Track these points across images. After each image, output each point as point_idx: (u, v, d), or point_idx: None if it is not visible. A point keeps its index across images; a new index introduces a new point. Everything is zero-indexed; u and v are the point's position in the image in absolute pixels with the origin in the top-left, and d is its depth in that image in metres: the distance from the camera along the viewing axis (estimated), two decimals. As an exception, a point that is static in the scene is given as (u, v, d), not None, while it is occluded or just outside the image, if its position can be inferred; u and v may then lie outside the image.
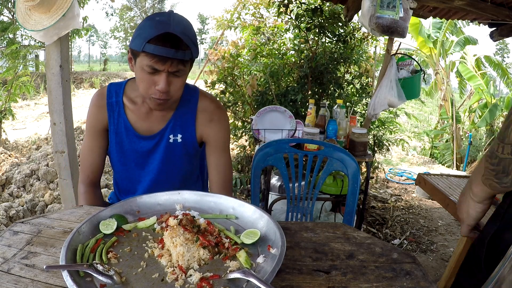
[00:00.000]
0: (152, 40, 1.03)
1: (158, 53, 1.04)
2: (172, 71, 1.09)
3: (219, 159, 1.31)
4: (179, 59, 1.07)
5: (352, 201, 1.55)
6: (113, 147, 1.31)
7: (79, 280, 0.69)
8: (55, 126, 2.09)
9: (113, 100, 1.28)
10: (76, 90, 12.43)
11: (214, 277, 0.73)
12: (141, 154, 1.30)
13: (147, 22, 1.08)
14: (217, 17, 4.79)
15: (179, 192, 1.04)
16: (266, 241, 0.84)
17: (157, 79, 1.10)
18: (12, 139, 5.60)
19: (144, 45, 1.04)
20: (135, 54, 1.11)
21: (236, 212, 0.98)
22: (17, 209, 3.00)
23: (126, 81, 1.31)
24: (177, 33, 1.04)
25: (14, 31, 5.40)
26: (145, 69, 1.08)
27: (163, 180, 1.33)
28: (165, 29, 1.03)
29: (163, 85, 1.10)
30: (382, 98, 2.66)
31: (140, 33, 1.07)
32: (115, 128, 1.29)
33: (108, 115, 1.28)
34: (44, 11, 1.84)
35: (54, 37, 1.94)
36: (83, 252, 0.78)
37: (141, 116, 1.28)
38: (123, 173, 1.37)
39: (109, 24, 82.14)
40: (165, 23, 1.05)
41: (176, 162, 1.32)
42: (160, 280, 0.72)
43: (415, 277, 0.80)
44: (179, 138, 1.28)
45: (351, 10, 3.32)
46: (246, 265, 0.75)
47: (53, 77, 2.04)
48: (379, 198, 4.10)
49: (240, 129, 4.11)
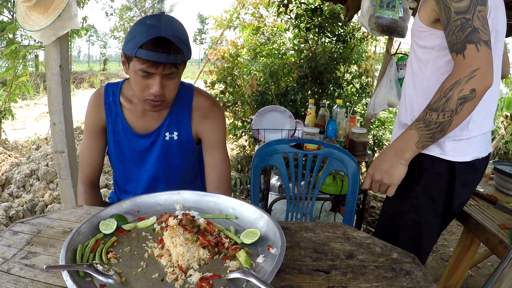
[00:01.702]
0: (144, 45, 1.05)
1: (150, 59, 1.06)
2: (166, 74, 1.11)
3: (214, 156, 1.31)
4: (172, 63, 1.09)
5: (351, 201, 1.55)
6: (112, 146, 1.33)
7: (79, 280, 0.69)
8: (55, 126, 2.09)
9: (110, 100, 1.30)
10: (76, 90, 12.42)
11: (214, 277, 0.73)
12: (139, 152, 1.32)
13: (138, 26, 1.09)
14: (216, 16, 4.79)
15: (179, 192, 1.04)
16: (266, 241, 0.84)
17: (151, 82, 1.12)
18: (12, 139, 5.60)
19: (136, 50, 1.06)
20: (128, 58, 1.12)
21: (236, 212, 0.98)
22: (17, 209, 3.00)
23: (123, 81, 1.33)
24: (169, 36, 1.06)
25: (13, 31, 5.40)
26: (139, 73, 1.10)
27: (161, 178, 1.34)
28: (156, 33, 1.05)
29: (157, 88, 1.11)
30: (381, 98, 2.66)
31: (132, 37, 1.08)
32: (113, 127, 1.30)
33: (106, 115, 1.30)
34: (42, 11, 1.84)
35: (52, 38, 1.93)
36: (83, 252, 0.78)
37: (137, 115, 1.29)
38: (121, 172, 1.38)
39: (109, 24, 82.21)
40: (156, 27, 1.06)
41: (173, 159, 1.33)
42: (160, 280, 0.72)
43: (415, 277, 0.80)
44: (175, 135, 1.30)
45: (351, 10, 3.33)
46: (246, 265, 0.75)
47: (53, 77, 2.04)
48: (379, 198, 4.10)
49: (240, 129, 4.11)
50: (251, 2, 4.40)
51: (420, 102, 1.17)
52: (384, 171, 1.15)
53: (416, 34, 1.18)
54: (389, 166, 1.13)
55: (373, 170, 1.18)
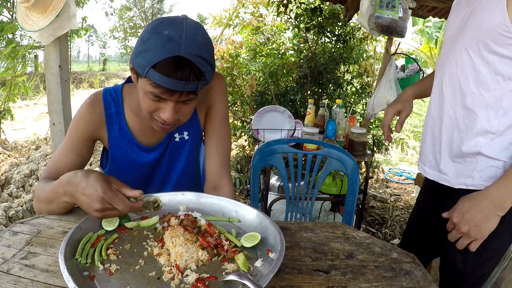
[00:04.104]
0: (157, 66, 0.84)
1: (164, 85, 0.85)
2: (182, 101, 0.92)
3: (218, 129, 1.18)
4: (190, 91, 0.89)
5: (351, 200, 1.55)
6: (117, 163, 1.17)
7: (79, 279, 0.69)
8: (54, 126, 2.09)
9: (112, 111, 1.11)
10: (75, 90, 12.41)
11: (210, 278, 0.73)
12: (148, 165, 1.19)
13: (153, 36, 0.86)
14: (215, 14, 4.78)
15: (183, 193, 1.04)
16: (266, 245, 0.84)
17: (163, 106, 0.93)
18: (11, 139, 5.59)
19: (147, 70, 0.85)
20: (137, 73, 0.91)
21: (238, 215, 0.98)
22: (17, 209, 3.00)
23: (122, 86, 1.15)
24: (190, 56, 0.85)
25: (12, 31, 5.40)
26: (149, 95, 0.91)
27: (170, 179, 1.26)
28: (174, 51, 0.84)
29: (170, 115, 0.93)
30: (381, 98, 2.66)
31: (143, 50, 0.87)
32: (117, 142, 1.14)
33: (107, 128, 1.12)
34: (41, 11, 1.85)
35: (50, 38, 1.94)
36: (83, 247, 0.79)
37: (145, 127, 1.14)
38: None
39: (109, 24, 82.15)
40: (175, 41, 0.84)
41: (180, 159, 1.22)
42: (156, 278, 0.73)
43: (415, 276, 0.80)
44: (185, 135, 1.18)
45: (350, 10, 3.33)
46: (243, 268, 0.75)
47: (52, 77, 2.04)
48: (378, 197, 4.10)
49: (239, 129, 4.11)
50: (251, 1, 4.39)
51: (504, 123, 0.97)
52: (474, 224, 0.96)
53: (496, 37, 0.92)
54: (482, 218, 0.95)
55: (460, 219, 0.99)
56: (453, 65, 1.04)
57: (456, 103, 1.04)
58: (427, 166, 1.18)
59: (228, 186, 1.18)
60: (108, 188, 0.84)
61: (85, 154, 1.13)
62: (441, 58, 1.12)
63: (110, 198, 0.83)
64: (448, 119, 1.07)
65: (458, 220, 0.99)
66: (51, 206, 0.98)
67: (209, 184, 1.19)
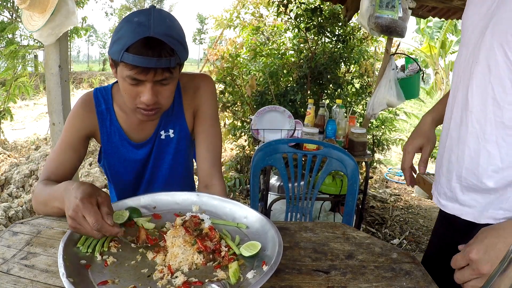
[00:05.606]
0: (131, 48, 0.91)
1: (138, 64, 0.91)
2: (158, 80, 0.97)
3: (208, 130, 1.20)
4: (164, 67, 0.94)
5: (351, 201, 1.55)
6: (109, 159, 1.22)
7: (77, 280, 0.69)
8: (54, 126, 2.09)
9: (102, 108, 1.16)
10: (75, 90, 12.41)
11: (197, 283, 0.72)
12: (139, 161, 1.23)
13: (124, 25, 0.94)
14: (216, 16, 4.79)
15: (198, 194, 1.04)
16: (264, 257, 0.80)
17: (142, 89, 0.98)
18: (11, 139, 5.59)
19: (122, 54, 0.91)
20: (114, 62, 0.98)
21: (248, 222, 0.95)
22: (16, 209, 3.00)
23: (111, 86, 1.20)
24: (159, 36, 0.91)
25: (13, 31, 5.40)
26: (127, 80, 0.96)
27: (158, 178, 1.27)
28: (144, 33, 0.90)
29: (148, 96, 0.97)
30: (381, 98, 2.66)
31: (117, 38, 0.94)
32: (109, 138, 1.19)
33: (99, 125, 1.17)
34: (41, 11, 1.85)
35: (51, 37, 1.94)
36: (87, 237, 0.81)
37: (134, 122, 1.18)
38: (121, 185, 1.28)
39: (108, 24, 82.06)
40: (144, 25, 0.91)
41: (166, 157, 1.24)
42: (146, 276, 0.73)
43: (415, 277, 0.80)
44: (171, 133, 1.21)
45: (350, 10, 3.33)
46: (233, 277, 0.73)
47: (52, 77, 2.04)
48: (378, 198, 4.10)
49: (239, 129, 4.11)
50: (252, 1, 4.40)
51: None
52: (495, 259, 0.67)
53: None
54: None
55: (481, 257, 0.68)
56: (483, 68, 0.79)
57: (487, 119, 0.79)
58: (443, 198, 0.96)
59: (219, 184, 1.18)
60: (86, 198, 0.78)
61: (81, 150, 1.17)
62: (464, 59, 0.87)
63: (83, 207, 0.77)
64: (474, 139, 0.83)
65: (477, 257, 0.69)
66: (46, 208, 1.00)
67: (201, 184, 1.21)
